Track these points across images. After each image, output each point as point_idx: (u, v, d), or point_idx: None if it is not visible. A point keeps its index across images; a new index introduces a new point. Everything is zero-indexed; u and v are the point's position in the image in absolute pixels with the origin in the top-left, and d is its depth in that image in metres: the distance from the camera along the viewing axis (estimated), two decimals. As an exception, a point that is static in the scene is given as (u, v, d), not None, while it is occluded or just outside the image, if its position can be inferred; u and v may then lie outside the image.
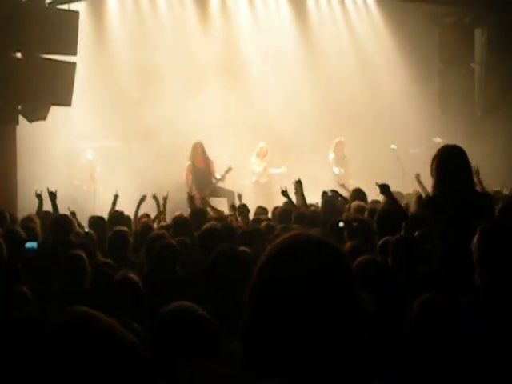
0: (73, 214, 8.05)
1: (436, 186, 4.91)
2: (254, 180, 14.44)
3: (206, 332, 2.89)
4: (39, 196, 8.48)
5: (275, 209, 8.76)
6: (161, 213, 8.87)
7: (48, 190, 8.20)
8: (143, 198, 8.87)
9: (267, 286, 1.55)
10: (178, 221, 7.39)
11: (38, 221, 7.70)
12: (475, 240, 3.52)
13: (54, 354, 1.41)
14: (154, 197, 8.94)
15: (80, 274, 4.94)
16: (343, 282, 1.55)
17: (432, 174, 4.94)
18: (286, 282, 1.53)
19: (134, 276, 4.43)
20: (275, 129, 14.76)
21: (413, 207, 7.34)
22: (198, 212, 8.09)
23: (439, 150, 5.00)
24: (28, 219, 7.77)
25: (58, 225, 6.57)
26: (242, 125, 14.41)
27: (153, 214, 9.02)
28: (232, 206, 8.91)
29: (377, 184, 6.24)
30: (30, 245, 6.13)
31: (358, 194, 8.29)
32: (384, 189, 6.12)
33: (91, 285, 4.89)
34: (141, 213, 8.81)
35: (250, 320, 1.56)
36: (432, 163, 4.92)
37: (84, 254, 5.14)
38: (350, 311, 1.54)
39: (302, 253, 1.56)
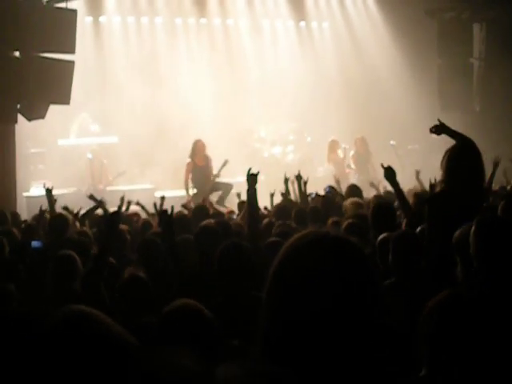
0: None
1: (444, 182, 4.75)
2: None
3: (210, 331, 2.87)
4: (48, 191, 7.87)
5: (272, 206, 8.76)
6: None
7: (44, 185, 8.17)
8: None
9: (287, 284, 1.52)
10: (178, 219, 7.35)
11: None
12: (471, 233, 3.51)
13: (49, 353, 1.41)
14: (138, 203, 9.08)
15: (70, 274, 4.75)
16: (365, 280, 1.51)
17: (442, 168, 4.76)
18: (306, 281, 1.49)
19: (141, 274, 4.40)
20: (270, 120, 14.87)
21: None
22: (200, 209, 8.06)
23: (454, 145, 4.76)
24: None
25: (52, 225, 6.53)
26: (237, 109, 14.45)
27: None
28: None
29: (382, 166, 5.49)
30: (35, 244, 6.11)
31: (354, 190, 8.22)
32: (389, 173, 5.34)
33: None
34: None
35: (268, 318, 1.53)
36: (444, 157, 4.73)
37: (75, 255, 4.92)
38: (371, 310, 1.50)
39: (322, 251, 1.51)
